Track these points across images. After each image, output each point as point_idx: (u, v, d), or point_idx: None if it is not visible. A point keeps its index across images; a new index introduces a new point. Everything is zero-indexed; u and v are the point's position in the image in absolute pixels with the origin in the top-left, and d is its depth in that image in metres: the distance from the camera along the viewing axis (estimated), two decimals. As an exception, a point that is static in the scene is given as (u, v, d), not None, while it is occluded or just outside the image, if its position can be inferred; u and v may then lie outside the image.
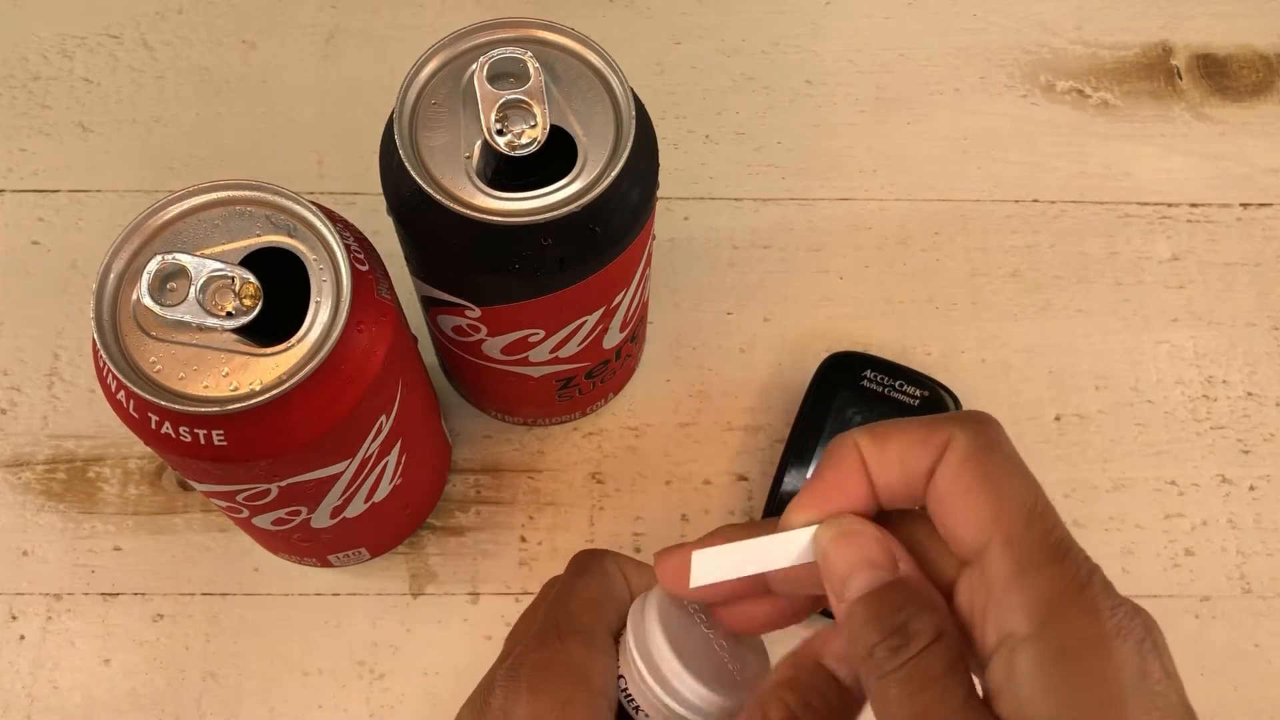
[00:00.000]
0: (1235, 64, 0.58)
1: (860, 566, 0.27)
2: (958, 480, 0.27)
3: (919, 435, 0.27)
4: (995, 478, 0.26)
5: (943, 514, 0.27)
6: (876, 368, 0.47)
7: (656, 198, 0.39)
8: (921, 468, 0.27)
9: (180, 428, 0.32)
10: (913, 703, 0.25)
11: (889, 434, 0.28)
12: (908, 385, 0.47)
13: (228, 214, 0.34)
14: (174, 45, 0.57)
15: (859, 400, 0.47)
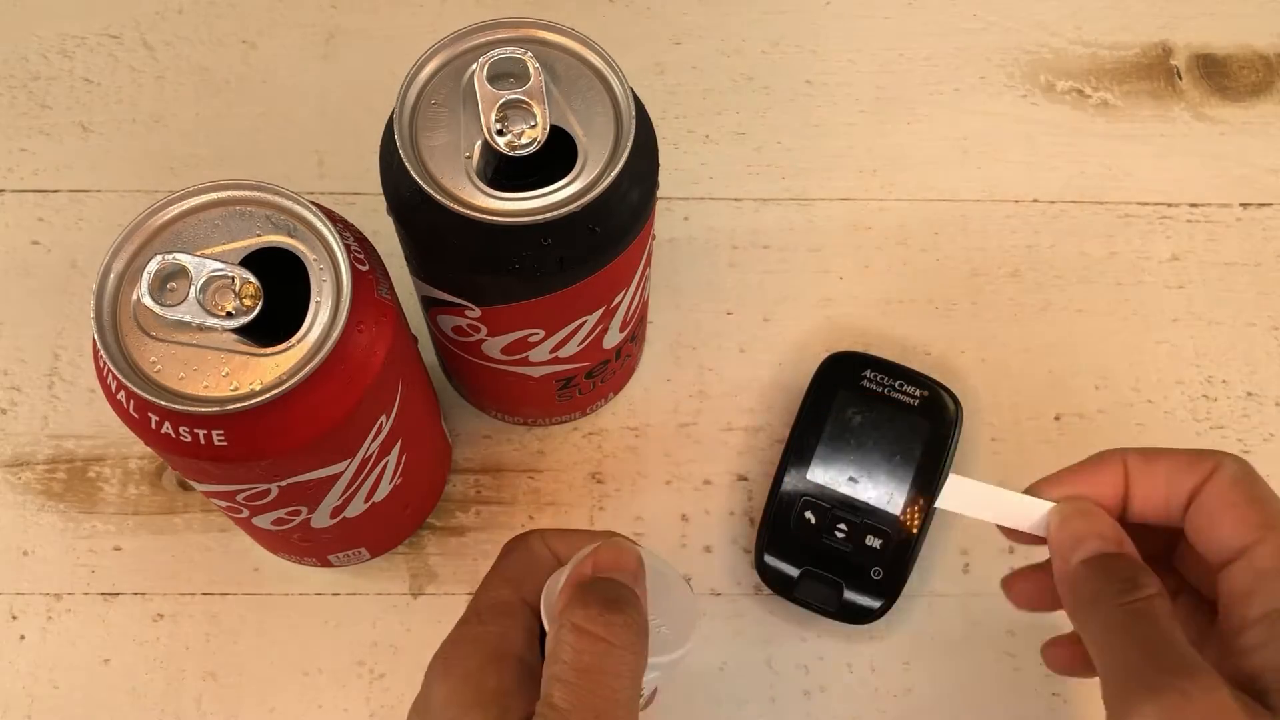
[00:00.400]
0: (1235, 64, 0.58)
1: (1091, 537, 0.33)
2: (1227, 497, 0.32)
3: (1187, 460, 0.33)
4: (1260, 496, 0.32)
5: (1207, 524, 0.33)
6: (876, 368, 0.47)
7: (656, 198, 0.39)
8: (1186, 487, 0.33)
9: (180, 428, 0.32)
10: (1139, 628, 0.30)
11: (1159, 455, 0.34)
12: (907, 385, 0.47)
13: (228, 214, 0.34)
14: (174, 45, 0.57)
15: (859, 400, 0.47)
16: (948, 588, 0.47)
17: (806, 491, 0.46)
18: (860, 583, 0.45)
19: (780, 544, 0.45)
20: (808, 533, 0.45)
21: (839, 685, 0.45)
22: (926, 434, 0.46)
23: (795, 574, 0.45)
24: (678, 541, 0.47)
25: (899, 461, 0.46)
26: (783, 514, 0.45)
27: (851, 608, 0.45)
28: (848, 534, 0.45)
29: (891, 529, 0.45)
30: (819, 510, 0.45)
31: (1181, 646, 0.30)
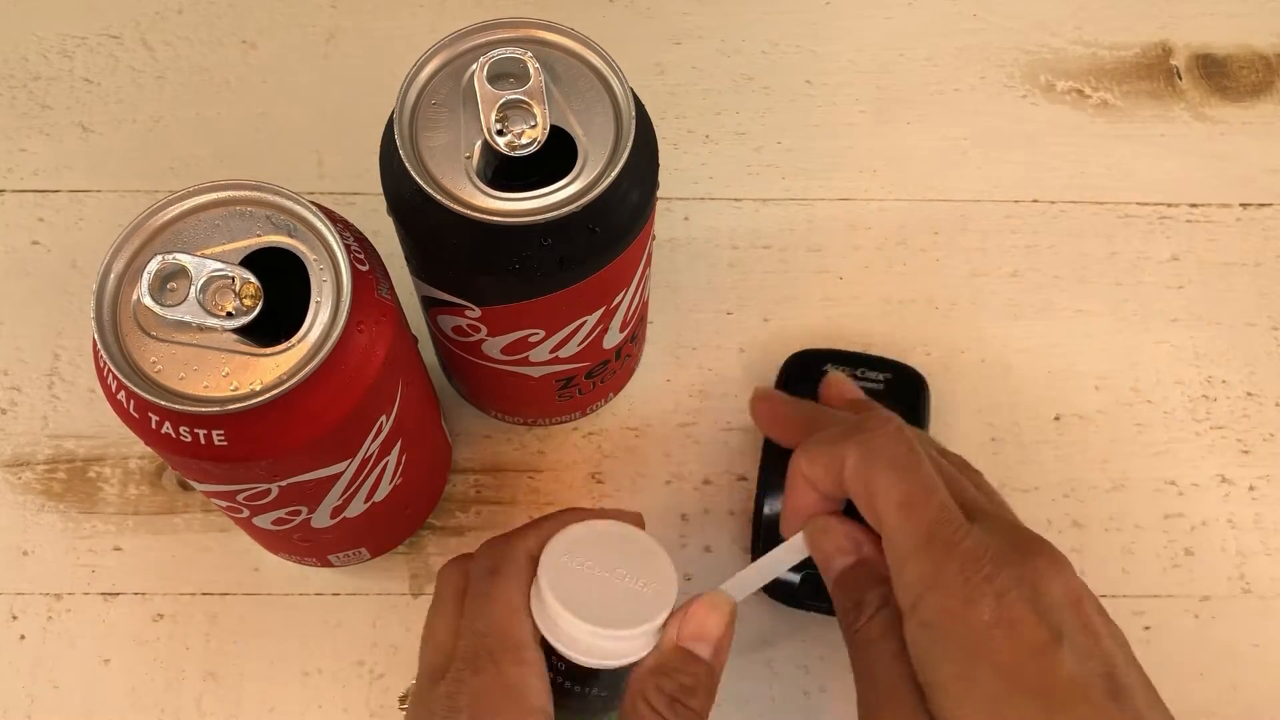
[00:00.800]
0: (1235, 64, 0.58)
1: (834, 553, 0.35)
2: (854, 490, 0.34)
3: (825, 456, 0.35)
4: (874, 485, 0.33)
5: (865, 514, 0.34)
6: (837, 360, 0.47)
7: (656, 198, 0.39)
8: (837, 480, 0.35)
9: (180, 428, 0.32)
10: (862, 657, 0.33)
11: (814, 453, 0.36)
12: (870, 371, 0.47)
13: (228, 214, 0.34)
14: (174, 45, 0.57)
15: None
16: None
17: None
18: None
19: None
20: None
21: (839, 685, 0.45)
22: (899, 414, 0.45)
23: (797, 580, 0.44)
24: (678, 542, 0.47)
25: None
26: (773, 523, 0.43)
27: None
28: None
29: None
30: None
31: (881, 675, 0.32)
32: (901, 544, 0.32)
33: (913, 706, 0.31)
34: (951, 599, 0.31)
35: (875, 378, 0.47)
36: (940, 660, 0.31)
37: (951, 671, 0.30)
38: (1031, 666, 0.30)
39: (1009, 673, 0.30)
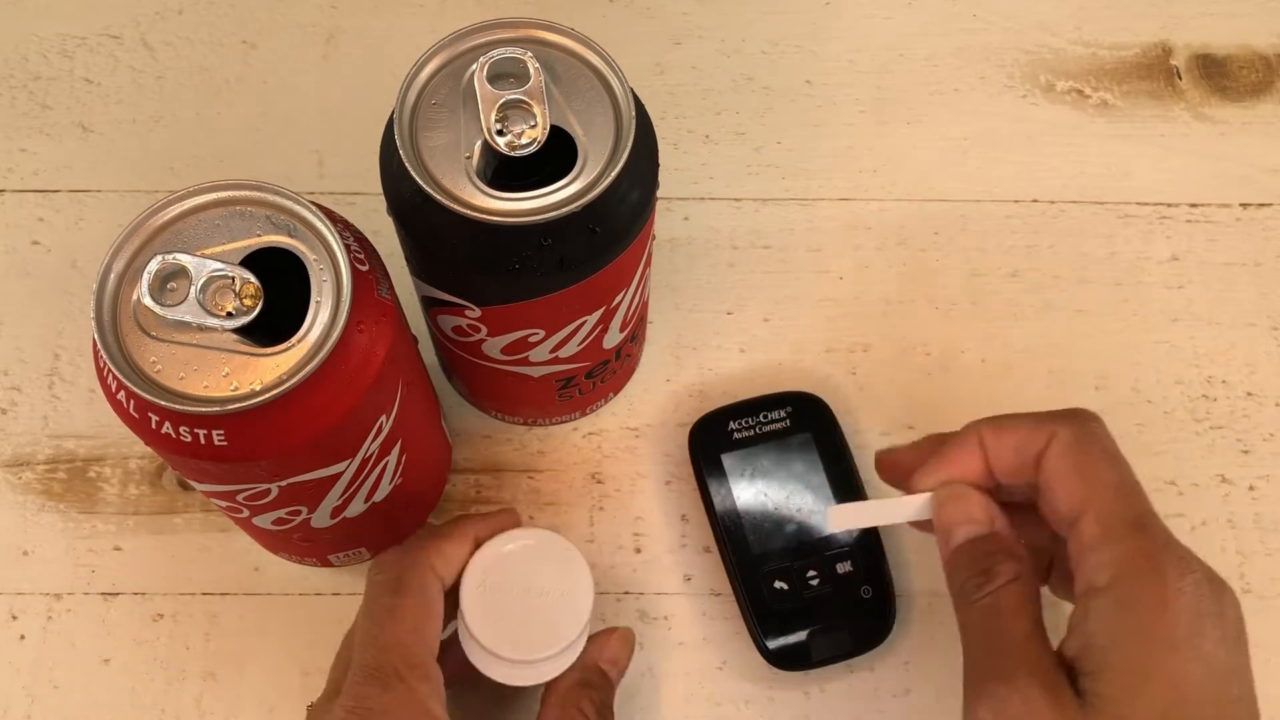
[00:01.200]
0: (1235, 64, 0.58)
1: (963, 521, 0.35)
2: (1060, 465, 0.34)
3: (1029, 428, 0.35)
4: (1090, 465, 0.33)
5: (1047, 492, 0.34)
6: (736, 414, 0.47)
7: (656, 198, 0.39)
8: (1032, 455, 0.34)
9: (180, 427, 0.32)
10: (986, 625, 0.32)
11: (1008, 424, 0.35)
12: (770, 412, 0.47)
13: (228, 214, 0.34)
14: (174, 45, 0.57)
15: (741, 454, 0.46)
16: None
17: (761, 564, 0.45)
18: (859, 609, 0.44)
19: (773, 624, 0.44)
20: (788, 598, 0.44)
21: (839, 685, 0.45)
22: (815, 443, 0.46)
23: (804, 639, 0.44)
24: (678, 541, 0.47)
25: (813, 483, 0.46)
26: (756, 597, 0.44)
27: (865, 635, 0.44)
28: (820, 575, 0.44)
29: (850, 545, 0.45)
30: (782, 573, 0.44)
31: (1011, 645, 0.31)
32: (1110, 525, 0.32)
33: (1053, 678, 0.31)
34: (1161, 587, 0.30)
35: (778, 416, 0.47)
36: (1127, 641, 0.30)
37: (1134, 654, 0.30)
38: (1216, 672, 0.30)
39: (1198, 669, 0.30)
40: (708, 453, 0.46)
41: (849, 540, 0.45)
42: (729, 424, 0.47)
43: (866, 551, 0.45)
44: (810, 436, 0.46)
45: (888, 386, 0.50)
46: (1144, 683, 0.30)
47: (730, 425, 0.46)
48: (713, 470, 0.46)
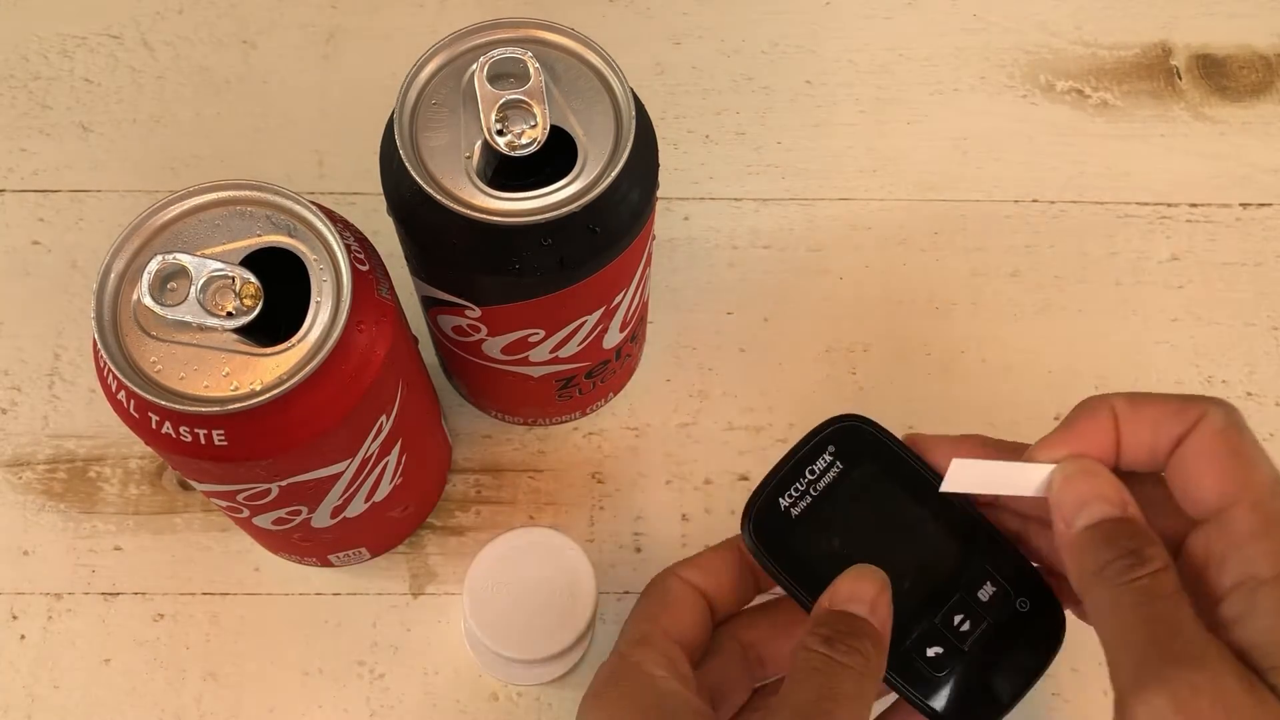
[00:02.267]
0: (1235, 64, 0.58)
1: (1095, 499, 0.32)
2: (1209, 449, 0.31)
3: (1174, 406, 0.32)
4: (1244, 452, 0.31)
5: (1186, 477, 0.32)
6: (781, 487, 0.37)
7: (656, 198, 0.39)
8: (1172, 434, 0.32)
9: (180, 427, 0.32)
10: (1146, 609, 0.30)
11: (1147, 400, 0.33)
12: (813, 465, 0.37)
13: (228, 214, 0.34)
14: (174, 45, 0.57)
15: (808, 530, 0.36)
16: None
17: (899, 641, 0.34)
18: (1025, 623, 0.35)
19: (950, 694, 0.34)
20: (948, 661, 0.35)
21: (839, 685, 0.45)
22: (881, 470, 0.36)
23: (989, 688, 0.35)
24: (678, 541, 0.47)
25: (901, 516, 0.36)
26: (916, 679, 0.34)
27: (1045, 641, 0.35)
28: (967, 614, 0.35)
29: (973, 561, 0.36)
30: (927, 638, 0.35)
31: (1190, 630, 0.29)
32: (1272, 514, 0.30)
33: (1238, 668, 0.28)
34: None
35: (824, 463, 0.37)
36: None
37: None
38: None
39: None
40: (778, 549, 0.36)
41: (966, 558, 0.36)
42: (779, 502, 0.36)
43: (995, 556, 0.36)
44: (872, 466, 0.36)
45: (888, 386, 0.50)
46: None
47: (781, 503, 0.36)
48: (792, 565, 0.35)
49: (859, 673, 0.32)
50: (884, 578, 0.34)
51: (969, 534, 0.36)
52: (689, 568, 0.37)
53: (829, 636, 0.32)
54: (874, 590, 0.33)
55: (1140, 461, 0.33)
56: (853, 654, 0.32)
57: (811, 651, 0.32)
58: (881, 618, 0.33)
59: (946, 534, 0.36)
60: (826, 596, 0.33)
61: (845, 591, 0.33)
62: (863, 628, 0.32)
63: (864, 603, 0.33)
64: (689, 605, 0.36)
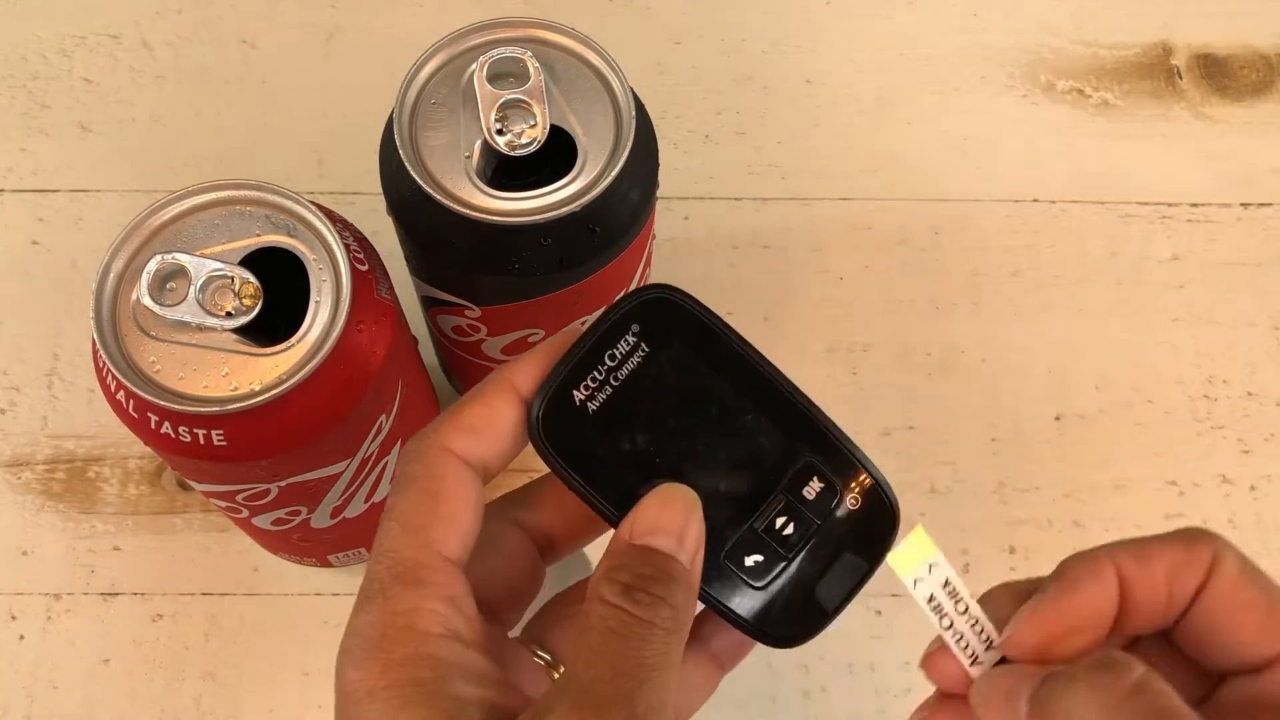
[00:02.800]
0: (1235, 64, 0.58)
1: (1022, 679, 0.26)
2: (1237, 595, 0.27)
3: (1182, 554, 0.28)
4: (1272, 590, 0.28)
5: (1222, 629, 0.28)
6: (576, 376, 0.29)
7: (656, 198, 0.39)
8: (1188, 587, 0.28)
9: (180, 427, 0.32)
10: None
11: (1154, 552, 0.28)
12: (614, 348, 0.30)
13: (227, 214, 0.34)
14: (174, 45, 0.57)
15: (607, 425, 0.29)
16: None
17: (715, 547, 0.29)
18: (848, 524, 0.31)
19: (770, 607, 0.30)
20: (768, 568, 0.30)
21: (839, 685, 0.45)
22: (695, 352, 0.30)
23: (811, 597, 0.31)
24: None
25: (720, 405, 0.30)
26: (732, 590, 0.30)
27: (872, 541, 0.31)
28: (789, 515, 0.30)
29: (804, 452, 0.30)
30: (745, 544, 0.30)
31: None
32: None
33: None
34: None
35: (627, 345, 0.30)
36: None
37: None
38: None
39: None
40: (572, 452, 0.29)
41: (796, 448, 0.30)
42: (573, 395, 0.29)
43: (824, 447, 0.31)
44: (682, 347, 0.30)
45: (888, 386, 0.50)
46: None
47: (576, 396, 0.29)
48: (590, 471, 0.29)
49: (666, 631, 0.25)
50: (693, 499, 0.28)
51: (795, 424, 0.31)
52: (457, 431, 0.27)
53: (628, 584, 0.26)
54: (681, 517, 0.27)
55: (1153, 624, 0.28)
56: (658, 606, 0.26)
57: (607, 605, 0.25)
58: (691, 551, 0.27)
59: (769, 425, 0.31)
60: (625, 526, 0.27)
61: (647, 520, 0.27)
62: (670, 568, 0.26)
63: (670, 534, 0.27)
64: (465, 498, 0.27)
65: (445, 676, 0.25)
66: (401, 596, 0.26)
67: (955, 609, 0.29)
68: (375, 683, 0.26)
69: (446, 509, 0.27)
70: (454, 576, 0.27)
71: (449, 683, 0.25)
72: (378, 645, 0.26)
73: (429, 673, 0.25)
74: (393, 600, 0.26)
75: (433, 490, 0.27)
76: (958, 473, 0.49)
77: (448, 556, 0.27)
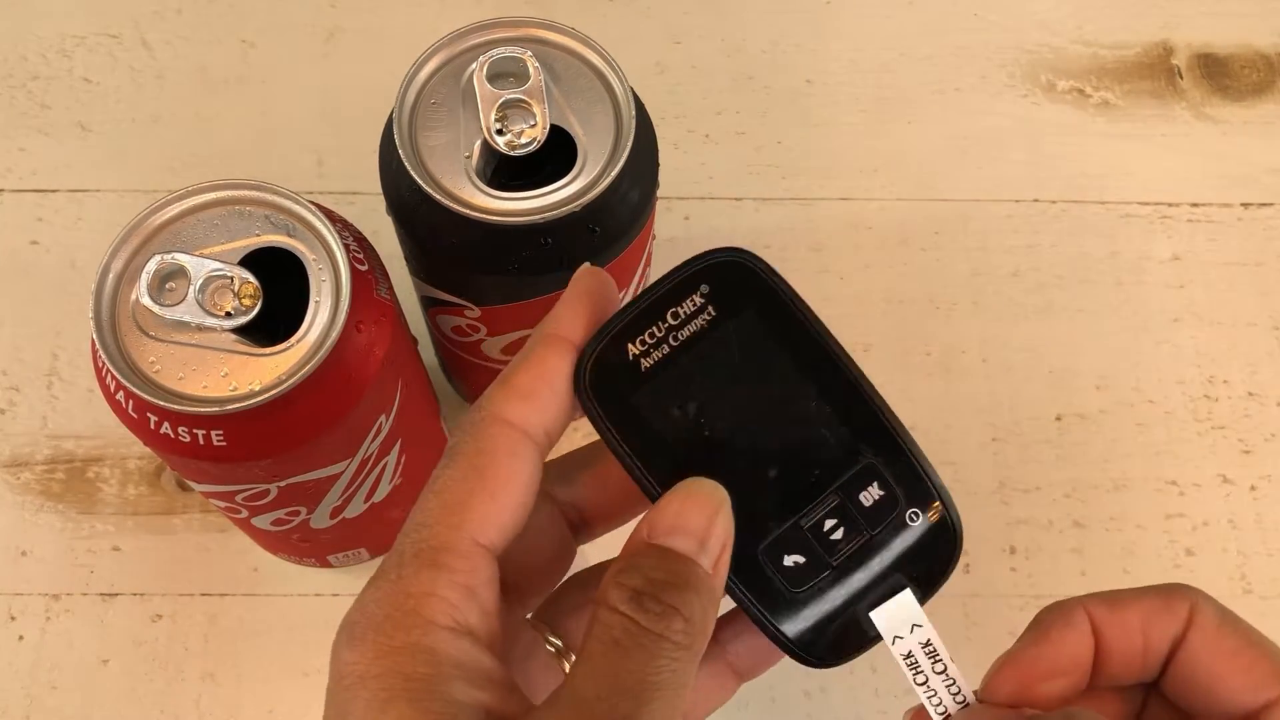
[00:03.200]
0: (1236, 63, 0.58)
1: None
2: (1220, 644, 0.27)
3: (1160, 603, 0.28)
4: (1258, 638, 0.27)
5: (1205, 678, 0.27)
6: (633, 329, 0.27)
7: (656, 198, 0.39)
8: (1168, 636, 0.27)
9: (179, 428, 0.32)
10: None
11: (1126, 602, 0.28)
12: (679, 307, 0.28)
13: (227, 214, 0.34)
14: (173, 44, 0.57)
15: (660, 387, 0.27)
16: (948, 588, 0.47)
17: (753, 540, 0.27)
18: (909, 537, 0.28)
19: (802, 616, 0.28)
20: (810, 573, 0.28)
21: (839, 685, 0.45)
22: (763, 323, 0.28)
23: (853, 615, 0.28)
24: (678, 542, 0.47)
25: (783, 385, 0.28)
26: (764, 591, 0.27)
27: (928, 565, 0.29)
28: (841, 519, 0.28)
29: (866, 455, 0.29)
30: (788, 540, 0.28)
31: None
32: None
33: None
34: None
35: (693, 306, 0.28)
36: None
37: None
38: None
39: None
40: (618, 410, 0.27)
41: (860, 448, 0.29)
42: (627, 349, 0.27)
43: (891, 454, 0.29)
44: (753, 316, 0.28)
45: (888, 387, 0.50)
46: None
47: (630, 350, 0.27)
48: (634, 434, 0.27)
49: (676, 645, 0.23)
50: (721, 496, 0.25)
51: (864, 422, 0.29)
52: (510, 398, 0.25)
53: (638, 590, 0.23)
54: (705, 516, 0.25)
55: (1131, 673, 0.28)
56: (669, 617, 0.23)
57: (613, 612, 0.23)
58: (715, 555, 0.25)
59: (835, 416, 0.29)
60: (644, 524, 0.25)
61: (668, 518, 0.25)
62: (688, 573, 0.24)
63: (692, 535, 0.24)
64: (515, 474, 0.25)
65: (442, 675, 0.23)
66: (416, 578, 0.24)
67: (932, 668, 0.28)
68: (368, 669, 0.24)
69: (490, 486, 0.25)
70: (479, 563, 0.24)
71: (444, 682, 0.23)
72: (378, 627, 0.24)
73: (425, 668, 0.23)
74: (406, 581, 0.24)
75: (478, 466, 0.25)
76: (958, 473, 0.49)
77: (480, 541, 0.25)
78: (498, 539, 0.25)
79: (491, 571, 0.25)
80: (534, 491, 0.26)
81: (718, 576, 0.25)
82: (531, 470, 0.25)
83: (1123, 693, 0.29)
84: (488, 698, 0.24)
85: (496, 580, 0.25)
